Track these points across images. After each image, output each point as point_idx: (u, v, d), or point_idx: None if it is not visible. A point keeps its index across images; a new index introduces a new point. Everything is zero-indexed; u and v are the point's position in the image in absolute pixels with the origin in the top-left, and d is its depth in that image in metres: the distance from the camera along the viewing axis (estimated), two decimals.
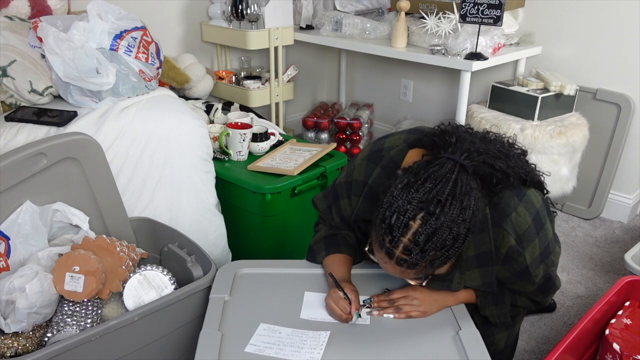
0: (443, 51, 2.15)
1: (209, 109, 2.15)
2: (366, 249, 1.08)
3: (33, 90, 1.57)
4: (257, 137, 1.93)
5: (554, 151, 2.08)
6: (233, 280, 1.27)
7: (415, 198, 0.95)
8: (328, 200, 1.32)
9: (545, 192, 1.19)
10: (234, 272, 1.30)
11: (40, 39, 1.54)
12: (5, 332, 1.17)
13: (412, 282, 1.14)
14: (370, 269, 1.29)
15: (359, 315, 1.13)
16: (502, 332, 1.26)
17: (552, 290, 1.22)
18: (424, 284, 1.12)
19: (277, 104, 2.61)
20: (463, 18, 2.06)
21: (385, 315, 1.16)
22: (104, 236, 1.29)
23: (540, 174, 1.19)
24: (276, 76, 2.56)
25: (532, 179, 1.13)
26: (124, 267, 1.27)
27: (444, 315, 1.16)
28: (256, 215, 1.78)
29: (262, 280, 1.28)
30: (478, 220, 1.00)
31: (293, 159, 1.86)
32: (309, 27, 2.72)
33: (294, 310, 1.18)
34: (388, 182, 1.04)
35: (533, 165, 1.18)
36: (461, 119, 2.17)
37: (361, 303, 1.18)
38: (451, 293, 1.17)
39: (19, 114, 1.53)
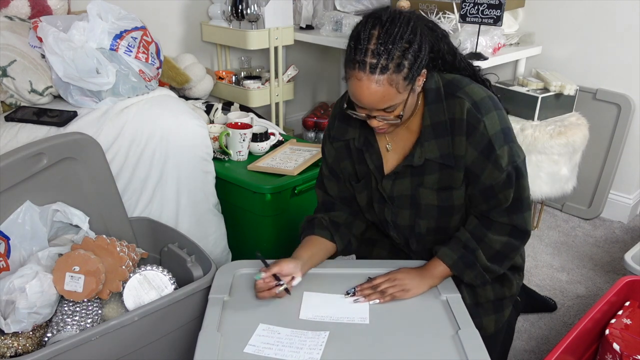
0: None
1: (209, 109, 2.15)
2: (344, 106, 1.16)
3: (33, 90, 1.57)
4: (257, 137, 1.93)
5: (554, 151, 2.08)
6: (232, 280, 1.27)
7: (371, 18, 1.07)
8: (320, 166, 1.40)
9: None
10: (233, 272, 1.30)
11: (40, 39, 1.55)
12: (5, 332, 1.17)
13: (390, 117, 1.11)
14: (359, 269, 1.30)
15: (260, 277, 1.17)
16: (490, 314, 1.28)
17: (522, 213, 1.20)
18: (401, 113, 1.11)
19: (277, 104, 2.61)
20: (463, 18, 2.06)
21: (371, 302, 1.17)
22: (104, 236, 1.29)
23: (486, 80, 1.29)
24: (276, 76, 2.56)
25: (481, 78, 1.25)
26: (124, 267, 1.27)
27: (444, 315, 1.16)
28: (256, 215, 1.78)
29: None
30: (423, 46, 1.08)
31: (293, 159, 1.86)
32: (309, 27, 2.72)
33: (293, 311, 1.18)
34: None
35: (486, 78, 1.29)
36: None
37: (345, 292, 1.20)
38: (429, 270, 1.22)
39: (19, 114, 1.53)
